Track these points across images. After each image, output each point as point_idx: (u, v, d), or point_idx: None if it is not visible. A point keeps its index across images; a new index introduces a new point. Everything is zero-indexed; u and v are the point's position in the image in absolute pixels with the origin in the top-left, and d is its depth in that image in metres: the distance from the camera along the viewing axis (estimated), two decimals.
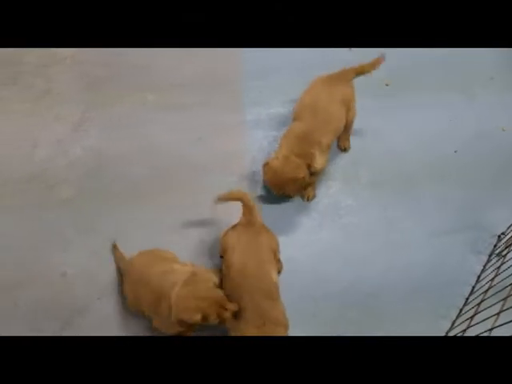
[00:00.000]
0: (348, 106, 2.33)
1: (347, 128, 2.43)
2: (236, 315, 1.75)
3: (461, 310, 2.12)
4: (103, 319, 2.05)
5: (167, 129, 2.59)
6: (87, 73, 2.74)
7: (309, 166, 2.18)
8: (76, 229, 2.25)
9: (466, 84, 2.83)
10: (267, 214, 2.25)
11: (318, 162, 2.21)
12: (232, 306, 1.72)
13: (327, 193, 2.45)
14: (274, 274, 1.94)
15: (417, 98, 2.77)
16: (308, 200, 2.40)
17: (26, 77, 2.73)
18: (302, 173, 2.17)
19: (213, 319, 1.69)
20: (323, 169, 2.33)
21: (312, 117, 2.23)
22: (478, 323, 1.80)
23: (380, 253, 2.30)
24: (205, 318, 1.68)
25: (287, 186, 2.18)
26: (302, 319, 1.95)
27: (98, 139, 2.53)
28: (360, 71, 2.37)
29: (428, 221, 2.39)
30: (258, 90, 2.76)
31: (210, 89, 2.74)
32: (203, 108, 2.67)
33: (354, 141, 2.58)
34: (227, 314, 1.71)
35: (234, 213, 2.11)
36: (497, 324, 1.60)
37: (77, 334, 1.98)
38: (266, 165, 2.21)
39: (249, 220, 2.01)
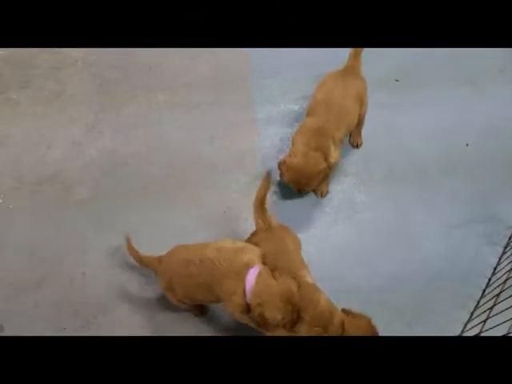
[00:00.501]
0: (361, 100, 2.34)
1: (359, 123, 2.44)
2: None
3: (478, 302, 2.13)
4: (124, 318, 2.07)
5: (179, 128, 2.60)
6: (98, 74, 2.75)
7: (325, 160, 2.20)
8: (93, 229, 2.27)
9: (476, 78, 2.83)
10: (282, 209, 2.30)
11: (333, 155, 2.22)
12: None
13: (341, 189, 2.46)
14: (308, 278, 1.86)
15: (427, 93, 2.77)
16: (322, 196, 2.41)
17: (37, 80, 2.75)
18: (323, 165, 2.18)
19: (285, 323, 1.63)
20: (336, 163, 2.34)
21: (326, 111, 2.24)
22: (497, 314, 1.81)
23: (394, 247, 2.30)
24: (282, 319, 1.61)
25: (310, 181, 2.20)
26: None
27: (111, 140, 2.54)
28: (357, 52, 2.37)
29: (442, 214, 2.40)
30: (268, 87, 2.77)
31: (220, 87, 2.75)
32: (214, 107, 2.68)
33: (365, 136, 2.58)
34: (297, 322, 1.66)
35: (247, 212, 2.12)
36: None
37: (98, 333, 2.00)
38: (283, 163, 2.21)
39: (266, 223, 1.96)
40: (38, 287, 2.12)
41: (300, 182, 2.22)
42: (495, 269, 2.22)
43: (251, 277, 1.64)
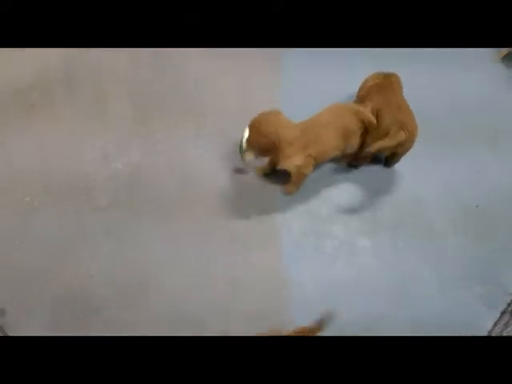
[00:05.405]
0: None
1: None
2: None
3: None
4: (114, 321, 2.21)
5: (203, 155, 2.71)
6: (139, 91, 2.92)
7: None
8: (107, 235, 2.43)
9: (496, 140, 2.87)
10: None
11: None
12: None
13: (345, 227, 2.53)
14: None
15: (447, 149, 2.81)
16: (288, 194, 2.58)
17: (82, 87, 2.93)
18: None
19: None
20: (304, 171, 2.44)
21: None
22: None
23: (388, 292, 2.36)
24: None
25: (271, 138, 2.33)
26: None
27: (138, 155, 2.68)
28: None
29: (443, 269, 2.43)
30: None
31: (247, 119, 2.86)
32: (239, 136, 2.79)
33: (378, 181, 2.67)
34: None
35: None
36: None
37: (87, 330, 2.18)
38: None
39: None
40: (45, 275, 2.31)
41: (261, 143, 2.33)
42: (489, 332, 2.21)
43: None
